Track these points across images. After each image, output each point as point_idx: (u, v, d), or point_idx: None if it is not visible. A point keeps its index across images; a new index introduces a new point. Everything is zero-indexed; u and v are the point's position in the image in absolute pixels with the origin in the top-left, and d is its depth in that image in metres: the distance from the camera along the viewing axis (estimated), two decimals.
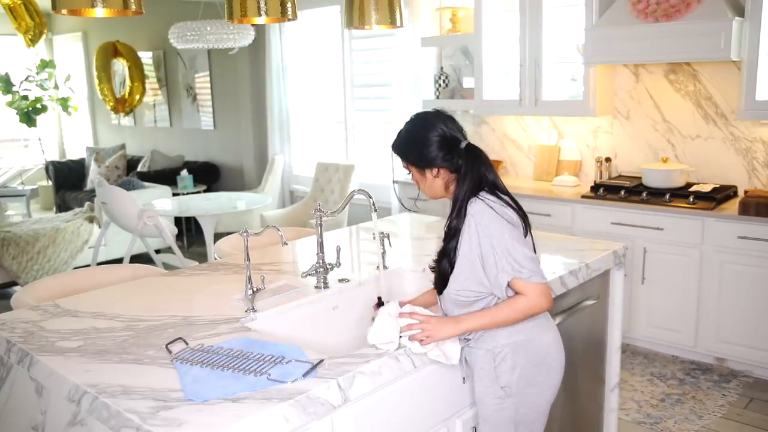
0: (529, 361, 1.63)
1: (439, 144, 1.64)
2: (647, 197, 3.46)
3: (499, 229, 1.56)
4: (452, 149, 1.64)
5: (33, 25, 6.28)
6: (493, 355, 1.63)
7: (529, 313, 1.57)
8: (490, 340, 1.63)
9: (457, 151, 1.64)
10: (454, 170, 1.65)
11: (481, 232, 1.56)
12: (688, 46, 3.26)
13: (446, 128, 1.65)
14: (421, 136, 1.65)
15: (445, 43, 4.61)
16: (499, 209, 1.58)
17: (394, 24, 2.60)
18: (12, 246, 4.89)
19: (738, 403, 3.01)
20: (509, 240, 1.56)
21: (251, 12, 2.16)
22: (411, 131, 1.69)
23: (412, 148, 1.67)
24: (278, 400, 1.32)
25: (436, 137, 1.64)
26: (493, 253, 1.55)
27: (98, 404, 1.36)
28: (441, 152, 1.64)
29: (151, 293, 2.07)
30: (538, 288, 1.56)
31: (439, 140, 1.64)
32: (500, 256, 1.55)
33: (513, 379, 1.63)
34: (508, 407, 1.65)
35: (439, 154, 1.64)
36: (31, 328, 1.77)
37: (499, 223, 1.57)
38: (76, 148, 8.95)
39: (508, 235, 1.56)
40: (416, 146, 1.66)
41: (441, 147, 1.64)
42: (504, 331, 1.62)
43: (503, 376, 1.63)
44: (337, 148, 5.64)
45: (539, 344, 1.65)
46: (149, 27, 7.21)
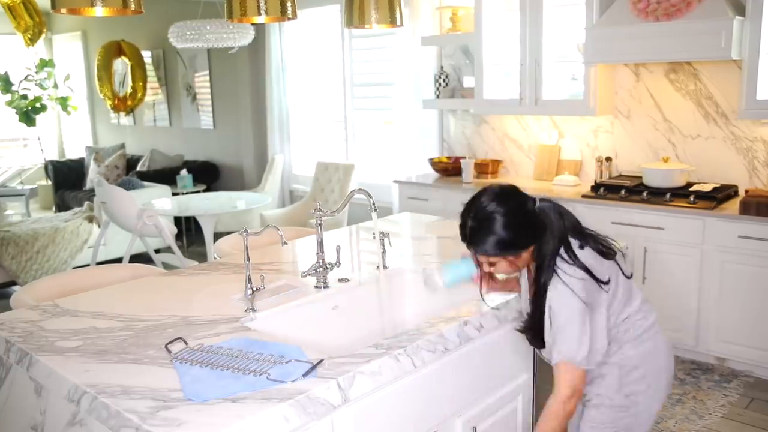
0: (657, 368, 1.63)
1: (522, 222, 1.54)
2: (648, 197, 3.46)
3: (583, 299, 1.49)
4: (535, 219, 1.55)
5: (32, 24, 6.28)
6: (619, 366, 1.62)
7: (566, 413, 1.53)
8: (618, 353, 1.61)
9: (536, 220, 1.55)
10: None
11: (564, 300, 1.51)
12: (689, 46, 3.25)
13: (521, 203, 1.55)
14: (500, 224, 1.52)
15: (445, 43, 4.60)
16: (581, 274, 1.51)
17: (394, 23, 2.60)
18: (11, 245, 4.88)
19: (739, 403, 3.00)
20: (580, 318, 1.50)
21: (251, 11, 2.16)
22: (485, 223, 1.54)
23: (499, 241, 1.53)
24: (278, 400, 1.32)
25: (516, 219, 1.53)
26: (560, 329, 1.51)
27: (98, 404, 1.35)
28: (528, 230, 1.54)
29: (151, 293, 2.07)
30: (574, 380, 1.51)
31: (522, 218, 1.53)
32: (566, 333, 1.50)
33: (641, 387, 1.61)
34: (630, 416, 1.63)
35: (528, 237, 1.54)
36: (31, 327, 1.77)
37: (584, 291, 1.50)
38: (75, 147, 8.94)
39: (584, 311, 1.50)
40: (502, 238, 1.52)
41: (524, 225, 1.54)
42: (631, 343, 1.60)
43: (630, 386, 1.62)
44: (337, 148, 5.63)
45: (662, 350, 1.65)
46: (149, 26, 7.20)
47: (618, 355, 1.61)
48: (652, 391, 1.62)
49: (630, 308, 1.62)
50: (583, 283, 1.51)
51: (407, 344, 1.58)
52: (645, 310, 1.66)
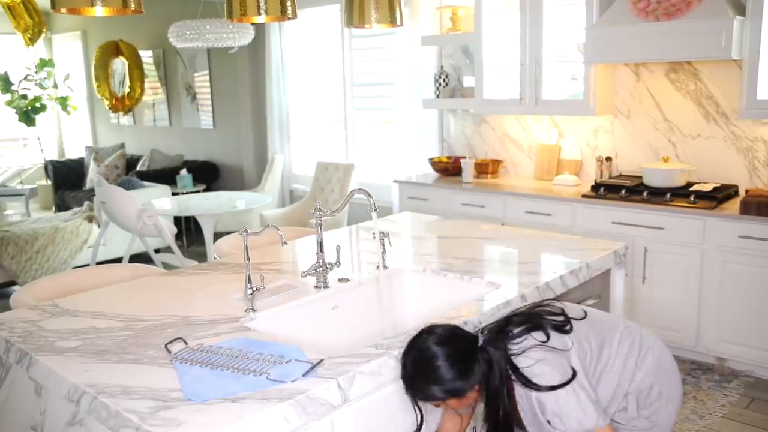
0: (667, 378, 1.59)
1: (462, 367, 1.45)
2: (648, 197, 3.45)
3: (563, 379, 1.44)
4: (476, 359, 1.47)
5: (32, 24, 6.28)
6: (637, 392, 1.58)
7: None
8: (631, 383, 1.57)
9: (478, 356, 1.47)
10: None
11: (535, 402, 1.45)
12: (689, 45, 3.25)
13: (457, 348, 1.46)
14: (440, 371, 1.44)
15: (445, 42, 4.60)
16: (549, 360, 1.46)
17: (394, 23, 2.60)
18: (11, 245, 4.88)
19: (739, 403, 3.00)
20: (573, 392, 1.44)
21: (251, 11, 2.15)
22: (424, 370, 1.46)
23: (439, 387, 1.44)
24: (278, 400, 1.32)
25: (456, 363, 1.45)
26: (560, 419, 1.44)
27: (97, 404, 1.35)
28: (468, 373, 1.45)
29: (151, 293, 2.06)
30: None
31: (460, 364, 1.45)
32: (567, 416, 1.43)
33: (659, 405, 1.57)
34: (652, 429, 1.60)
35: (470, 378, 1.45)
36: (30, 327, 1.77)
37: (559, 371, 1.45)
38: (75, 147, 8.94)
39: (561, 392, 1.44)
40: (441, 384, 1.44)
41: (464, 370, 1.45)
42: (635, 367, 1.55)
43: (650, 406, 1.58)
44: (337, 148, 5.63)
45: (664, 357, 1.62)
46: (148, 26, 7.20)
47: (632, 385, 1.57)
48: (666, 400, 1.59)
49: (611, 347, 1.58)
50: (545, 365, 1.45)
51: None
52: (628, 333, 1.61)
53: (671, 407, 1.61)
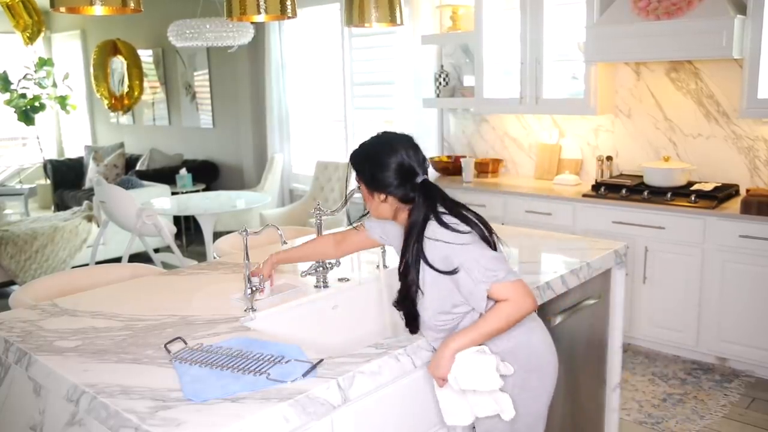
0: (520, 367, 1.58)
1: (395, 171, 1.59)
2: (648, 196, 3.45)
3: (459, 241, 1.51)
4: (406, 180, 1.59)
5: (31, 23, 6.27)
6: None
7: (516, 316, 1.50)
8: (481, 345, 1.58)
9: (412, 183, 1.59)
10: (404, 201, 1.60)
11: (447, 252, 1.51)
12: (690, 44, 3.24)
13: (407, 157, 1.59)
14: (380, 157, 1.61)
15: (445, 41, 4.59)
16: (450, 221, 1.55)
17: (394, 22, 2.59)
18: (10, 245, 4.87)
19: (740, 403, 3.00)
20: (473, 249, 1.51)
21: (251, 10, 2.15)
22: (371, 149, 1.65)
23: (368, 165, 1.63)
24: (278, 399, 1.31)
25: (394, 164, 1.59)
26: (464, 268, 1.49)
27: (97, 404, 1.35)
28: (395, 180, 1.59)
29: (150, 293, 2.06)
30: (516, 287, 1.49)
31: (395, 167, 1.59)
32: (472, 269, 1.49)
33: (506, 388, 1.56)
34: None
35: (393, 181, 1.59)
36: (29, 327, 1.76)
37: (456, 236, 1.52)
38: (74, 146, 8.93)
39: (471, 246, 1.51)
40: (372, 165, 1.62)
41: (396, 174, 1.59)
42: (490, 342, 1.55)
43: None
44: (337, 147, 5.62)
45: (529, 348, 1.59)
46: (148, 25, 7.19)
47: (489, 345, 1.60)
48: (520, 389, 1.61)
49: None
50: (455, 234, 1.53)
51: (407, 344, 1.58)
52: None
53: (526, 395, 1.60)
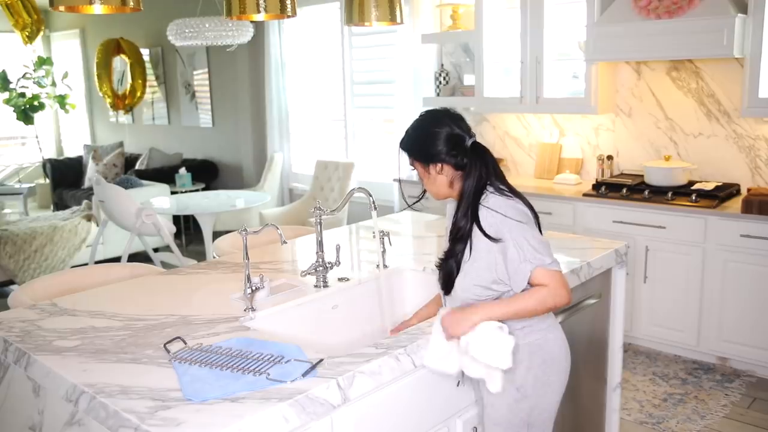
0: (544, 361, 1.63)
1: (445, 139, 1.63)
2: (649, 195, 3.44)
3: (518, 217, 1.56)
4: (457, 146, 1.63)
5: (30, 22, 6.24)
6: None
7: (550, 303, 1.53)
8: None
9: (463, 148, 1.63)
10: (458, 167, 1.64)
11: (501, 223, 1.55)
12: (691, 43, 3.24)
13: (453, 125, 1.65)
14: (427, 131, 1.65)
15: (445, 40, 4.59)
16: (511, 202, 1.59)
17: (394, 21, 2.59)
18: (9, 244, 4.86)
19: (741, 403, 2.99)
20: (528, 229, 1.56)
21: (250, 9, 2.14)
22: (418, 127, 1.69)
23: (418, 142, 1.67)
24: (277, 399, 1.31)
25: (442, 133, 1.64)
26: (515, 243, 1.54)
27: (96, 404, 1.34)
28: (445, 147, 1.63)
29: (150, 292, 2.05)
30: (557, 276, 1.54)
31: (445, 136, 1.63)
32: (522, 246, 1.53)
33: (529, 380, 1.62)
34: (523, 409, 1.63)
35: (444, 149, 1.63)
36: (29, 327, 1.76)
37: (516, 211, 1.57)
38: (73, 145, 8.92)
39: (525, 225, 1.56)
40: (421, 141, 1.66)
41: (446, 143, 1.63)
42: (519, 333, 1.60)
43: (519, 377, 1.62)
44: (337, 146, 5.61)
45: (552, 343, 1.65)
46: (147, 24, 7.18)
47: None
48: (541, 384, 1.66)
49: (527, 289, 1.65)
50: (513, 209, 1.58)
51: (407, 344, 1.57)
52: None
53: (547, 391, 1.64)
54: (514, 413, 1.63)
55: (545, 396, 1.65)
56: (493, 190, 1.61)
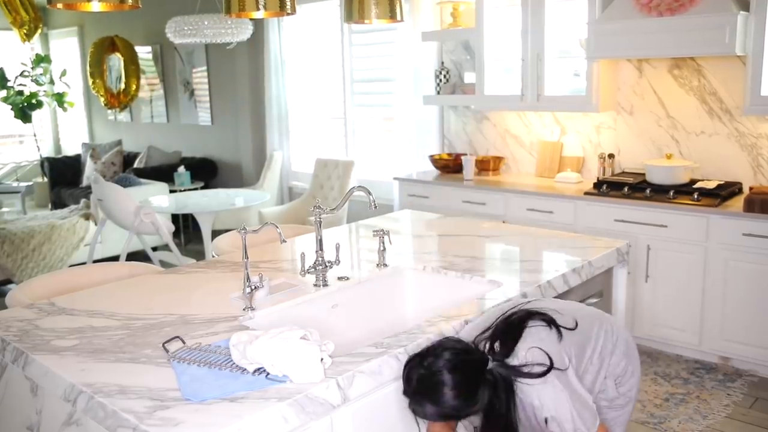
0: (633, 358, 1.68)
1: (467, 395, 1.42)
2: (651, 194, 3.43)
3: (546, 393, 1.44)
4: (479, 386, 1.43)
5: (28, 19, 6.23)
6: (614, 377, 1.65)
7: None
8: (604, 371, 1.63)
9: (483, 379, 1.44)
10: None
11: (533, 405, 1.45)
12: (692, 41, 3.22)
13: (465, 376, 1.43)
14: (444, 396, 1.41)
15: (445, 38, 4.57)
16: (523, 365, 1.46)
17: (394, 18, 2.58)
18: (7, 243, 4.85)
19: (743, 403, 2.98)
20: (561, 398, 1.45)
21: (249, 6, 2.13)
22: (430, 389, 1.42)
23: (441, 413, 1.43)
24: (277, 399, 1.30)
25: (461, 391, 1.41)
26: (556, 420, 1.45)
27: (94, 404, 1.34)
28: (471, 400, 1.42)
29: (148, 291, 2.05)
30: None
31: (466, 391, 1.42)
32: (563, 421, 1.45)
33: (633, 383, 1.67)
34: (627, 412, 1.69)
35: (470, 406, 1.43)
36: (26, 326, 1.75)
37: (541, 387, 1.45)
38: (71, 144, 8.90)
39: (559, 395, 1.46)
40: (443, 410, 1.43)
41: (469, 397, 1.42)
42: (609, 356, 1.61)
43: (624, 386, 1.67)
44: (337, 144, 5.60)
45: (630, 340, 1.69)
46: (146, 21, 7.16)
47: (609, 369, 1.64)
48: (636, 377, 1.70)
49: (591, 344, 1.61)
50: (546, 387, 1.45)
51: (407, 343, 1.57)
52: (601, 324, 1.66)
53: (637, 381, 1.71)
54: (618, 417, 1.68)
55: (636, 386, 1.70)
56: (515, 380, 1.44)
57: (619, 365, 1.64)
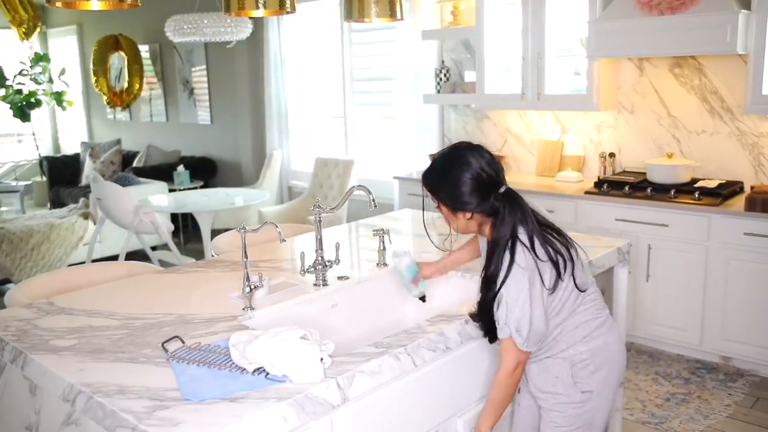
0: (608, 363, 1.66)
1: (474, 188, 1.55)
2: (652, 193, 3.42)
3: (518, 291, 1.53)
4: (489, 194, 1.56)
5: (27, 18, 6.22)
6: (571, 363, 1.64)
7: (511, 384, 1.60)
8: (569, 349, 1.64)
9: (495, 195, 1.57)
10: (489, 215, 1.58)
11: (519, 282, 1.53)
12: (694, 40, 3.21)
13: (482, 170, 1.56)
14: (455, 176, 1.56)
15: (446, 36, 4.56)
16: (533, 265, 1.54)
17: (394, 16, 2.58)
18: (5, 243, 4.84)
19: (744, 403, 2.97)
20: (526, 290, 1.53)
21: (249, 5, 2.13)
22: (444, 167, 1.60)
23: (445, 188, 1.59)
24: (276, 399, 1.30)
25: (472, 180, 1.55)
26: (506, 302, 1.53)
27: (93, 404, 1.33)
28: (476, 197, 1.56)
29: (147, 291, 2.04)
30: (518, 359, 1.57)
31: (474, 184, 1.56)
32: (513, 310, 1.53)
33: (593, 383, 1.65)
34: (589, 411, 1.67)
35: (475, 200, 1.56)
36: (25, 326, 1.75)
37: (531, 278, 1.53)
38: (70, 143, 8.89)
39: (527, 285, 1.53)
40: (449, 187, 1.58)
41: (477, 191, 1.56)
42: (581, 340, 1.63)
43: (585, 382, 1.65)
44: (337, 143, 5.59)
45: (612, 346, 1.68)
46: (145, 20, 7.14)
47: (569, 351, 1.64)
48: (604, 385, 1.68)
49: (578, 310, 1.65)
50: (530, 272, 1.53)
51: (407, 343, 1.56)
52: (595, 309, 1.68)
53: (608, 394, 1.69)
54: (579, 416, 1.66)
55: (607, 395, 1.69)
56: (524, 239, 1.54)
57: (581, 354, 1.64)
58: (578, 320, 1.64)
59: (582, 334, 1.64)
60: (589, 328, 1.64)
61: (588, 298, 1.67)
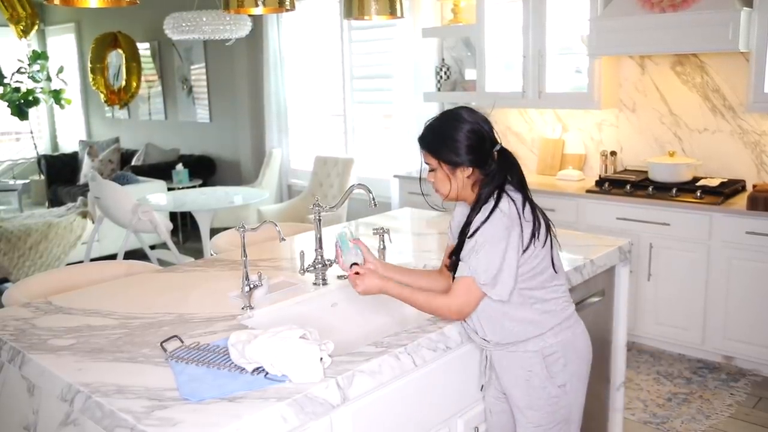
0: (578, 356, 1.66)
1: (475, 142, 1.58)
2: (653, 192, 3.41)
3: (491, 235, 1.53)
4: (488, 149, 1.60)
5: (25, 15, 6.19)
6: (543, 355, 1.63)
7: (440, 314, 1.62)
8: (537, 341, 1.62)
9: (492, 153, 1.60)
10: (486, 173, 1.60)
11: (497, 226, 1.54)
12: (695, 37, 3.20)
13: (480, 125, 1.60)
14: (455, 131, 1.59)
15: (446, 34, 4.55)
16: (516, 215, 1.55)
17: (395, 14, 2.57)
18: (3, 242, 4.83)
19: (746, 403, 2.96)
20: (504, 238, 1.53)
21: (248, 2, 2.13)
22: (443, 125, 1.62)
23: (445, 142, 1.60)
24: (276, 399, 1.30)
25: (471, 135, 1.59)
26: (482, 246, 1.53)
27: (91, 404, 1.33)
28: (476, 151, 1.58)
29: (146, 290, 2.04)
30: (468, 297, 1.56)
31: (473, 136, 1.59)
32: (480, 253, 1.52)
33: (566, 375, 1.64)
34: (565, 406, 1.66)
35: (474, 154, 1.58)
36: (23, 325, 1.74)
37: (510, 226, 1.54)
38: (69, 141, 8.87)
39: (505, 236, 1.53)
40: (449, 142, 1.60)
41: (475, 143, 1.59)
42: (550, 333, 1.62)
43: (559, 375, 1.63)
44: (336, 142, 5.58)
45: (580, 337, 1.69)
46: (144, 17, 7.12)
47: (539, 342, 1.62)
48: (576, 379, 1.68)
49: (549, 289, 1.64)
50: (510, 220, 1.54)
51: (408, 342, 1.56)
52: (566, 300, 1.69)
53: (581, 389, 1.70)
54: (555, 412, 1.65)
55: (581, 391, 1.69)
56: (512, 194, 1.57)
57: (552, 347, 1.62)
58: (549, 306, 1.62)
59: (552, 322, 1.62)
60: (559, 318, 1.63)
61: (560, 285, 1.67)
